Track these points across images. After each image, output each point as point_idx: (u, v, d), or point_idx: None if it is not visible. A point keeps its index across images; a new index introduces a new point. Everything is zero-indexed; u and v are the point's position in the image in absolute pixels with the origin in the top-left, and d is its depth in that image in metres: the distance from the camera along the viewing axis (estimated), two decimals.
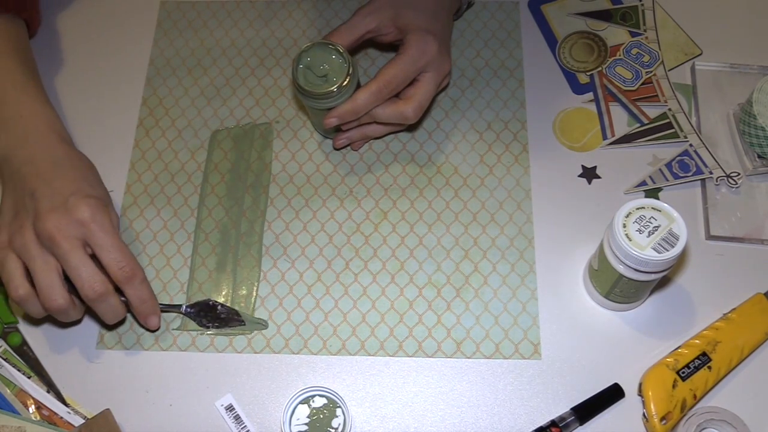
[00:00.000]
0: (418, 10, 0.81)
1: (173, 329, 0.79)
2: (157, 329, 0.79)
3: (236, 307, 0.80)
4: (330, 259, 0.82)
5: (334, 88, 0.77)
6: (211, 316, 0.79)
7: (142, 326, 0.79)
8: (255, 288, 0.81)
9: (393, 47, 0.89)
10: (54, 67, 0.93)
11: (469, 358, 0.77)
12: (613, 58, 0.90)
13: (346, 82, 0.77)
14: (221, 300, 0.80)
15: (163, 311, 0.79)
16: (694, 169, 0.84)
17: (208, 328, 0.79)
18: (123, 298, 0.74)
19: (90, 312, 0.79)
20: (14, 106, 0.78)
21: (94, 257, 0.73)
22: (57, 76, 0.92)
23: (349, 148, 0.87)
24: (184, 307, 0.79)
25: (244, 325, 0.79)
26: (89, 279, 0.71)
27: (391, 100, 0.80)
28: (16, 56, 0.82)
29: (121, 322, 0.79)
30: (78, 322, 0.79)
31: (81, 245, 0.71)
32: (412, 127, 0.87)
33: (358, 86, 0.79)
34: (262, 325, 0.79)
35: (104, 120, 0.90)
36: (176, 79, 0.92)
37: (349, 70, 0.77)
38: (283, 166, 0.87)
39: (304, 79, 0.78)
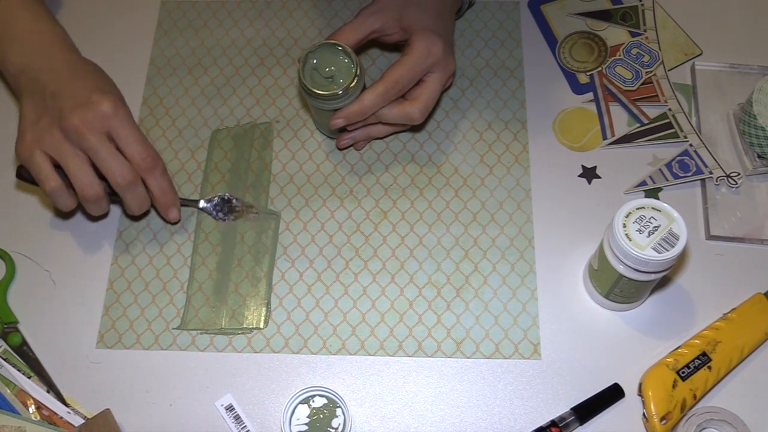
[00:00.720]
0: (422, 10, 0.81)
1: (173, 329, 0.79)
2: (177, 222, 0.83)
3: (239, 306, 0.80)
4: (330, 258, 0.82)
5: (341, 89, 0.77)
6: (227, 209, 0.84)
7: (163, 219, 0.83)
8: (259, 286, 0.81)
9: (395, 47, 0.89)
10: None
11: (468, 358, 0.77)
12: (613, 58, 0.90)
13: (353, 84, 0.77)
14: (224, 305, 0.80)
15: (182, 205, 0.83)
16: (694, 169, 0.84)
17: (224, 221, 0.83)
18: None
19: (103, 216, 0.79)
20: (27, 23, 0.81)
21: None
22: None
23: (350, 147, 0.87)
24: (201, 202, 0.84)
25: (258, 215, 0.84)
26: (120, 168, 0.75)
27: (397, 101, 0.80)
28: None
29: (145, 215, 0.84)
30: (105, 215, 0.84)
31: (107, 138, 0.75)
32: (415, 127, 0.87)
33: (364, 87, 0.79)
34: (276, 216, 0.83)
35: None
36: (176, 79, 0.92)
37: (356, 72, 0.77)
38: (283, 165, 0.87)
39: (311, 79, 0.78)
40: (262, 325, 0.79)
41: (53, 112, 0.75)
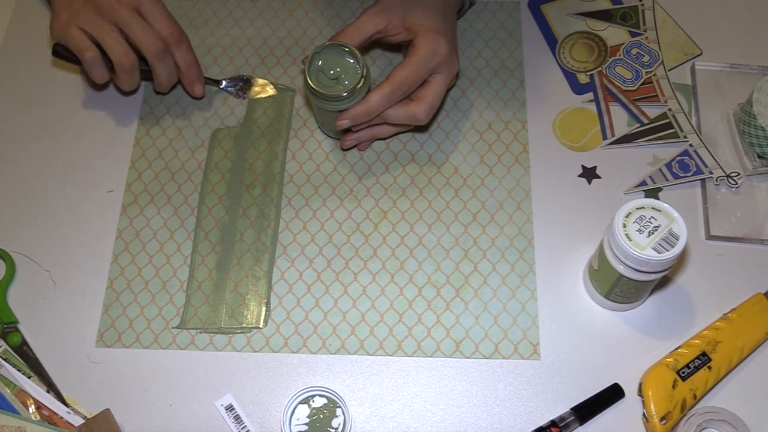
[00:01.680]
0: (426, 10, 0.81)
1: (173, 328, 0.79)
2: (202, 97, 0.90)
3: (239, 305, 0.80)
4: (330, 258, 0.82)
5: (347, 91, 0.76)
6: (247, 87, 0.90)
7: (189, 94, 0.89)
8: (259, 285, 0.81)
9: (398, 48, 0.89)
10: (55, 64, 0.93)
11: (468, 358, 0.77)
12: (613, 58, 0.90)
13: (359, 85, 0.76)
14: (223, 304, 0.80)
15: (206, 82, 0.89)
16: (694, 169, 0.84)
17: (243, 98, 0.90)
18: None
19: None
20: None
21: None
22: (59, 72, 0.92)
23: (352, 148, 0.87)
24: (223, 82, 0.90)
25: (277, 93, 0.90)
26: (152, 37, 0.81)
27: (403, 102, 0.80)
28: None
29: (172, 88, 0.89)
30: (135, 91, 0.91)
31: (137, 13, 0.81)
32: (417, 127, 0.87)
33: (370, 88, 0.79)
34: (292, 91, 0.90)
35: (105, 118, 0.90)
36: None
37: (362, 73, 0.77)
38: (284, 165, 0.87)
39: (317, 80, 0.78)
40: (261, 324, 0.79)
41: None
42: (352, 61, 0.78)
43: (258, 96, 0.89)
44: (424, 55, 0.78)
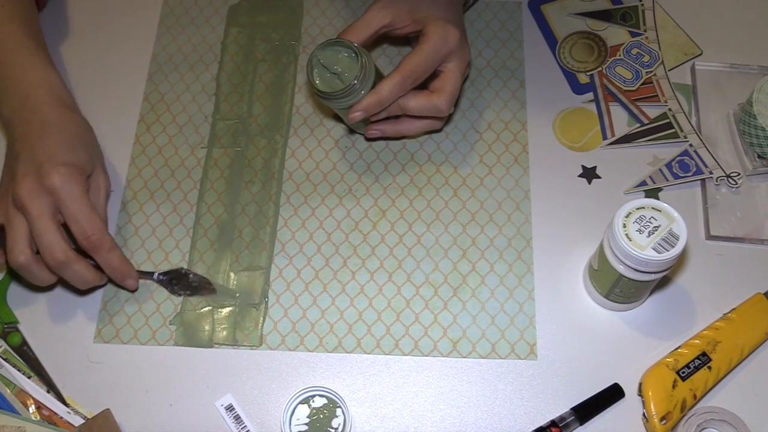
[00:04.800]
0: (434, 1, 0.80)
1: (170, 324, 0.79)
2: (135, 290, 0.81)
3: (244, 301, 0.80)
4: (328, 256, 0.82)
5: (346, 84, 0.76)
6: (183, 284, 0.81)
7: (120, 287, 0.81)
8: (261, 282, 0.81)
9: (406, 40, 0.89)
10: (56, 62, 0.92)
11: (465, 357, 0.77)
12: (613, 58, 0.90)
13: (358, 78, 0.76)
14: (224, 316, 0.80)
15: (139, 276, 0.80)
16: (694, 169, 0.84)
17: (180, 295, 0.81)
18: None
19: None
20: (16, 71, 0.80)
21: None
22: (59, 71, 0.92)
23: (349, 145, 0.87)
24: (156, 274, 0.81)
25: (215, 293, 0.80)
26: (49, 246, 0.72)
27: (423, 93, 0.80)
28: (20, 22, 0.82)
29: (101, 287, 0.81)
30: (52, 287, 0.82)
31: (50, 212, 0.73)
32: (445, 122, 0.87)
33: (380, 78, 0.78)
34: (232, 295, 0.80)
35: (106, 115, 0.89)
36: (178, 75, 0.92)
37: (361, 65, 0.76)
38: (283, 162, 0.87)
39: (320, 79, 0.78)
40: (256, 343, 0.79)
41: (13, 175, 0.75)
42: (353, 54, 0.78)
43: (196, 295, 0.81)
44: (435, 42, 0.77)
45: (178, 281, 0.81)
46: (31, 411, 0.76)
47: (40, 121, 0.77)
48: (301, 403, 0.71)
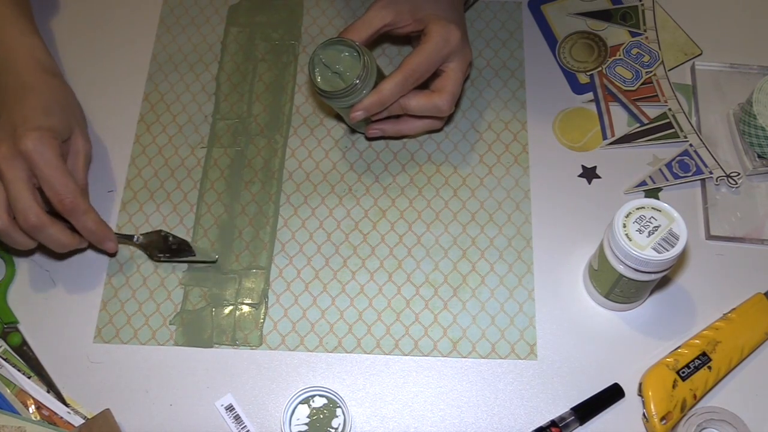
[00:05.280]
0: (436, 1, 0.80)
1: (170, 324, 0.79)
2: (115, 253, 0.82)
3: (244, 302, 0.80)
4: (328, 256, 0.82)
5: (347, 84, 0.76)
6: (163, 247, 0.81)
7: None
8: (262, 280, 0.81)
9: (407, 39, 0.89)
10: (57, 61, 0.93)
11: (465, 357, 0.77)
12: (613, 58, 0.90)
13: (360, 77, 0.76)
14: (226, 297, 0.80)
15: (118, 240, 0.81)
16: (694, 169, 0.84)
17: (159, 259, 0.81)
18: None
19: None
20: (5, 38, 0.81)
21: None
22: (59, 70, 0.92)
23: (350, 145, 0.87)
24: (135, 237, 0.81)
25: (195, 256, 0.80)
26: (23, 210, 0.73)
27: (424, 93, 0.80)
28: None
29: (82, 250, 0.82)
30: (33, 251, 0.82)
31: (24, 176, 0.73)
32: (446, 122, 0.87)
33: (382, 77, 0.78)
34: (212, 259, 0.81)
35: (105, 115, 0.90)
36: (178, 75, 0.92)
37: (363, 64, 0.76)
38: (283, 162, 0.87)
39: (322, 79, 0.78)
40: (256, 343, 0.79)
41: None
42: (352, 55, 0.77)
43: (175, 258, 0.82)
44: (437, 42, 0.77)
45: (157, 244, 0.81)
46: (31, 411, 0.76)
47: (18, 84, 0.78)
48: (301, 403, 0.71)
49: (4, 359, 0.78)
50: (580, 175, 0.85)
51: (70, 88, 0.83)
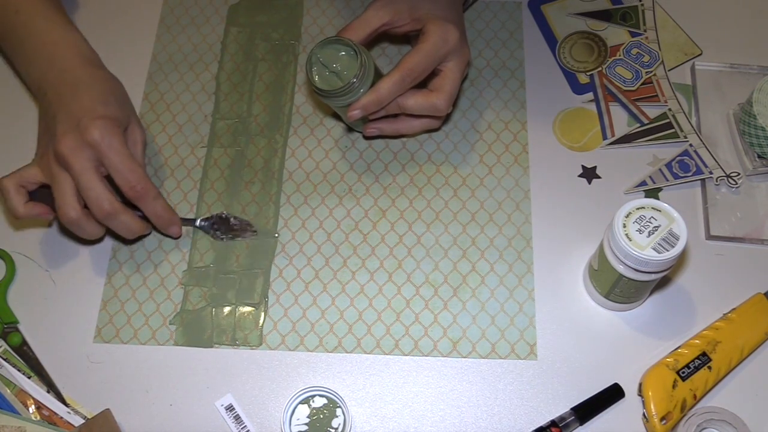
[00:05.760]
0: (434, 0, 0.80)
1: (170, 324, 0.79)
2: (179, 237, 0.83)
3: (244, 301, 0.80)
4: (328, 256, 0.82)
5: (345, 83, 0.76)
6: (225, 227, 0.83)
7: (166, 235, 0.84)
8: (262, 280, 0.81)
9: (406, 38, 0.89)
10: None
11: (465, 357, 0.77)
12: (613, 58, 0.90)
13: (357, 76, 0.76)
14: (228, 298, 0.80)
15: (183, 223, 0.83)
16: (694, 169, 0.84)
17: (222, 239, 0.83)
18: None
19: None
20: (42, 35, 0.81)
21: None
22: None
23: (350, 145, 0.87)
24: (198, 220, 0.84)
25: (257, 234, 0.83)
26: (96, 199, 0.74)
27: (421, 92, 0.80)
28: None
29: (146, 236, 0.84)
30: (101, 239, 0.84)
31: (93, 166, 0.75)
32: (443, 121, 0.87)
33: (379, 77, 0.78)
34: (275, 238, 0.83)
35: None
36: (178, 74, 0.92)
37: (360, 63, 0.76)
38: (283, 162, 0.87)
39: (319, 77, 0.78)
40: (256, 342, 0.79)
41: (52, 134, 0.76)
42: (349, 54, 0.78)
43: (238, 238, 0.83)
44: (435, 42, 0.77)
45: (219, 226, 0.83)
46: (31, 411, 0.76)
47: (70, 80, 0.79)
48: (301, 403, 0.71)
49: (4, 359, 0.78)
50: (580, 175, 0.85)
51: (117, 79, 0.84)
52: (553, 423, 0.73)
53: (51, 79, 0.79)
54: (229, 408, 0.75)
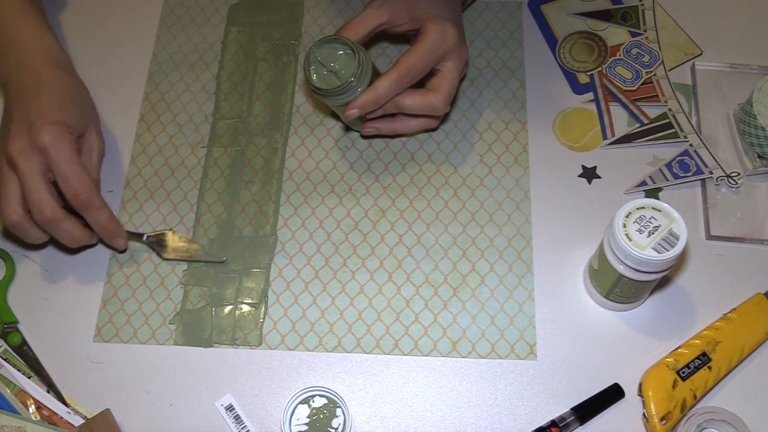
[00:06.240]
0: (432, 0, 0.80)
1: (170, 323, 0.79)
2: (124, 251, 0.82)
3: (244, 301, 0.80)
4: (327, 256, 0.82)
5: (343, 82, 0.76)
6: (163, 243, 0.82)
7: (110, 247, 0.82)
8: (262, 280, 0.81)
9: (404, 38, 0.89)
10: None
11: (464, 357, 0.77)
12: (613, 58, 0.90)
13: (355, 75, 0.76)
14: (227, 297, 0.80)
15: (129, 237, 0.82)
16: (694, 169, 0.84)
17: (168, 258, 0.82)
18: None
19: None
20: (13, 34, 0.82)
21: None
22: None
23: (350, 145, 0.87)
24: (145, 236, 0.82)
25: (203, 256, 0.82)
26: (38, 202, 0.73)
27: (419, 92, 0.80)
28: None
29: (91, 246, 0.83)
30: (45, 245, 0.81)
31: (40, 170, 0.74)
32: (441, 121, 0.87)
33: (377, 76, 0.78)
34: (220, 260, 0.82)
35: (106, 115, 0.89)
36: (178, 74, 0.92)
37: (358, 62, 0.76)
38: (283, 162, 0.87)
39: (317, 76, 0.78)
40: (256, 342, 0.79)
41: (6, 134, 0.76)
42: (347, 53, 0.78)
43: (171, 256, 0.82)
44: (433, 41, 0.77)
45: (166, 243, 0.82)
46: (31, 411, 0.76)
47: (34, 81, 0.78)
48: (301, 403, 0.71)
49: (4, 359, 0.78)
50: (580, 175, 0.85)
51: (84, 84, 0.84)
52: (553, 423, 0.73)
53: (16, 78, 0.79)
54: (229, 408, 0.75)
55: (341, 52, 0.78)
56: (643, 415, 0.72)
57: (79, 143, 0.79)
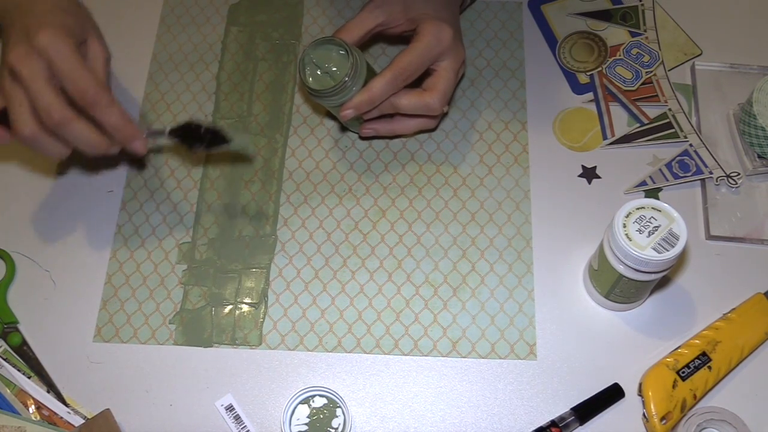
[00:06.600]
0: (428, 0, 0.80)
1: (170, 323, 0.79)
2: (144, 154, 0.78)
3: (244, 301, 0.80)
4: (328, 256, 0.82)
5: (337, 82, 0.76)
6: (197, 137, 0.77)
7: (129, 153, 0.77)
8: (262, 280, 0.81)
9: (401, 39, 0.89)
10: None
11: (464, 357, 0.77)
12: (613, 58, 0.90)
13: (349, 76, 0.76)
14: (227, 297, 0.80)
15: (148, 136, 0.77)
16: (694, 169, 0.84)
17: (197, 150, 0.79)
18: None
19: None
20: None
21: None
22: None
23: (349, 145, 0.87)
24: (168, 128, 0.77)
25: (229, 143, 0.77)
26: (46, 108, 0.69)
27: (415, 92, 0.80)
28: None
29: (113, 158, 0.81)
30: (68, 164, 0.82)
31: (44, 75, 0.70)
32: (440, 121, 0.87)
33: (373, 76, 0.78)
34: (248, 152, 0.81)
35: None
36: (178, 74, 0.92)
37: (352, 62, 0.76)
38: (283, 161, 0.87)
39: (312, 77, 0.78)
40: (256, 342, 0.79)
41: (5, 50, 0.72)
42: (341, 54, 0.78)
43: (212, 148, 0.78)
44: (428, 41, 0.77)
45: (190, 134, 0.77)
46: (31, 411, 0.76)
47: None
48: (301, 403, 0.71)
49: (4, 359, 0.78)
50: (580, 175, 0.85)
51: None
52: (553, 423, 0.73)
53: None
54: (229, 408, 0.75)
55: (335, 54, 0.78)
56: (643, 415, 0.72)
57: (82, 51, 0.76)
